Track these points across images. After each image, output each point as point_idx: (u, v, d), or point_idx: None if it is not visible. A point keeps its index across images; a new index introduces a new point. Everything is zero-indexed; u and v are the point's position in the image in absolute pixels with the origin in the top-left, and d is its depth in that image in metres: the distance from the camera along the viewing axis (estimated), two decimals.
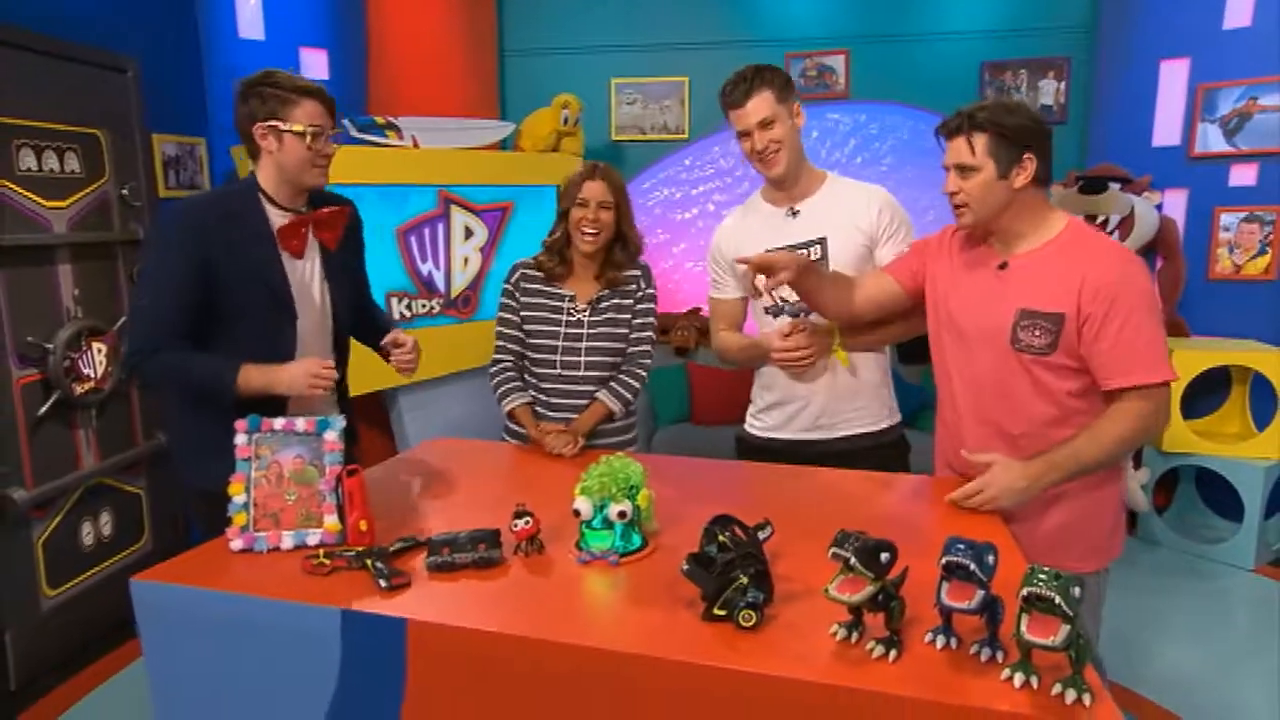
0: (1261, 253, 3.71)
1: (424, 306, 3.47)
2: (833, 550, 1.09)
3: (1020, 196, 1.64)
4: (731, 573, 1.19)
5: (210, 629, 1.33)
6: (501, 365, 2.21)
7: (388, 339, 1.91)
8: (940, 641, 1.10)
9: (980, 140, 1.60)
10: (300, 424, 1.50)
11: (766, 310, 2.06)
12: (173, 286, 1.66)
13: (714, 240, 2.21)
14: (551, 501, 1.50)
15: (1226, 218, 3.77)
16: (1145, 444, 1.71)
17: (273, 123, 1.69)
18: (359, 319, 2.01)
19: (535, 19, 4.56)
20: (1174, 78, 3.84)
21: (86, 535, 2.86)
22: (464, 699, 1.22)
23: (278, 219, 1.78)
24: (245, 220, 1.73)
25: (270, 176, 1.77)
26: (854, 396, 2.06)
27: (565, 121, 3.76)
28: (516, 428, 2.19)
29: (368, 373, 2.29)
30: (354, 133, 3.27)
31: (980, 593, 1.05)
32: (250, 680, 1.33)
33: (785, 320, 1.99)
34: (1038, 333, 1.63)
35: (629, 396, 2.15)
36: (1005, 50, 4.24)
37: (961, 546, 1.05)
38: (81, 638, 2.78)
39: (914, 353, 4.16)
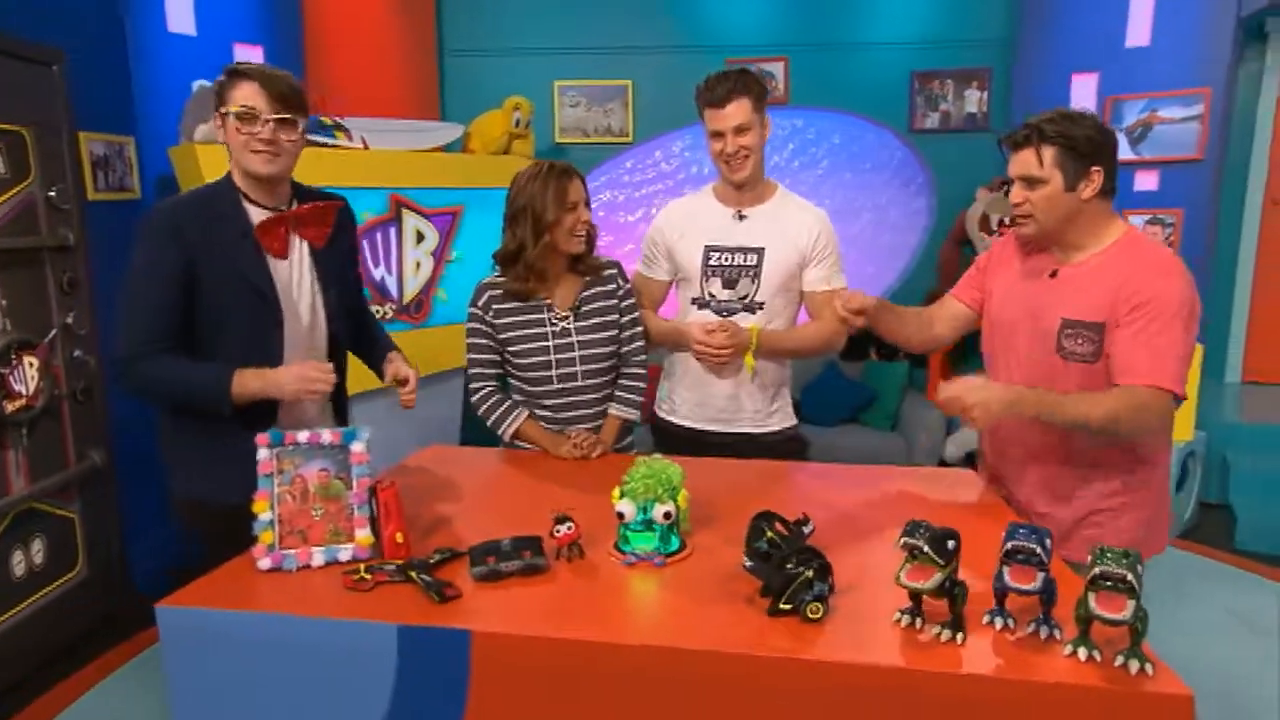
0: None
1: (378, 312, 3.36)
2: (903, 540, 1.14)
3: (1086, 208, 1.64)
4: (796, 567, 1.22)
5: (248, 654, 1.27)
6: (485, 392, 2.12)
7: (389, 371, 1.88)
8: (999, 623, 1.17)
9: (1049, 152, 1.61)
10: (326, 436, 1.44)
11: (693, 300, 2.17)
12: (155, 291, 1.60)
13: (656, 221, 2.27)
14: (568, 505, 1.49)
15: (1133, 220, 4.07)
16: (1130, 437, 1.69)
17: (220, 110, 1.65)
18: (354, 328, 1.95)
19: (476, 19, 4.50)
20: (1085, 90, 4.13)
21: (18, 564, 2.64)
22: (529, 710, 1.21)
23: (258, 217, 1.71)
24: (225, 219, 1.67)
25: (236, 171, 1.71)
26: (754, 396, 2.18)
27: (518, 124, 3.72)
28: (526, 445, 2.12)
29: None
30: None
31: (1041, 575, 1.12)
32: (292, 706, 1.28)
33: (710, 316, 2.12)
34: (1081, 341, 1.65)
35: (639, 399, 2.14)
36: (933, 60, 4.46)
37: (1024, 531, 1.13)
38: (15, 676, 2.57)
39: (852, 350, 4.35)
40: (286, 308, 1.73)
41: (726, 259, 2.14)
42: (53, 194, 2.70)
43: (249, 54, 3.47)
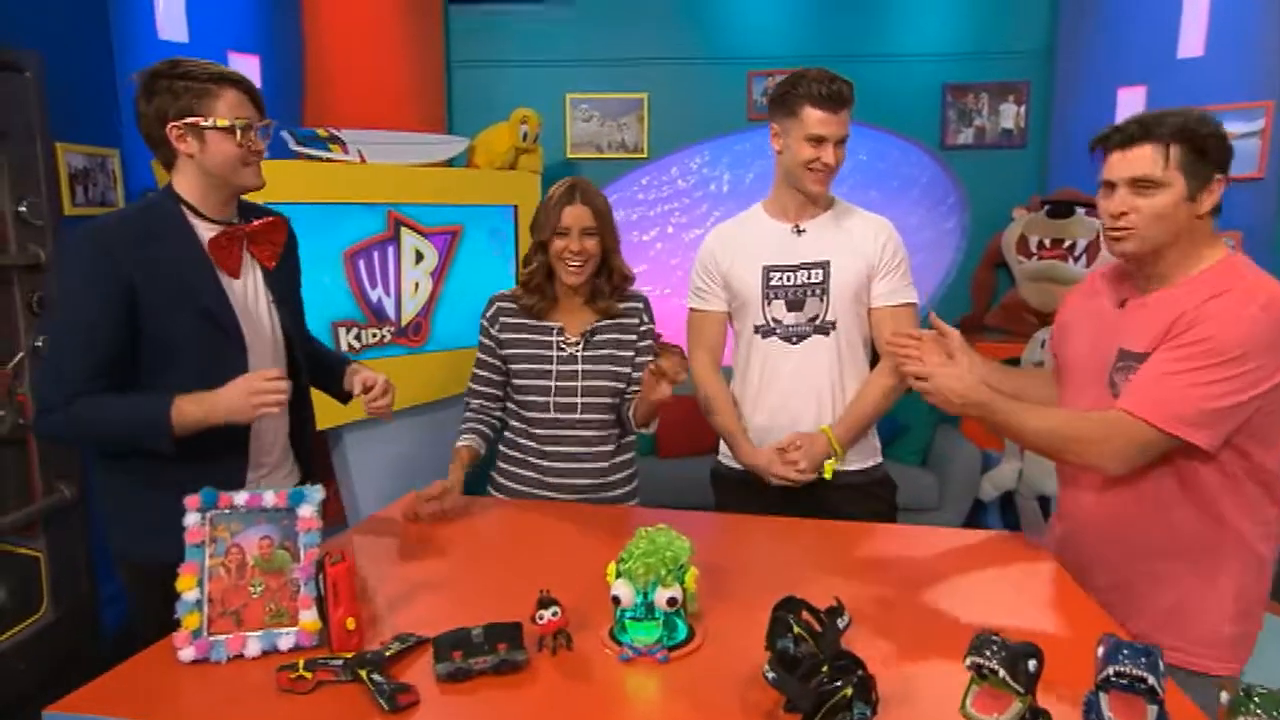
0: None
1: (374, 336, 3.15)
2: (971, 659, 0.89)
3: (1196, 225, 1.41)
4: (831, 680, 0.98)
5: None
6: (470, 406, 2.02)
7: (356, 383, 1.68)
8: None
9: (1174, 151, 1.37)
10: (269, 498, 1.22)
11: (756, 329, 1.96)
12: (87, 325, 1.42)
13: (706, 246, 2.06)
14: (555, 575, 1.26)
15: None
16: (1074, 462, 1.49)
17: (191, 120, 1.45)
18: (306, 355, 1.77)
19: (485, 30, 4.32)
20: (1132, 104, 3.87)
21: None
22: None
23: (207, 233, 1.52)
24: (168, 237, 1.48)
25: (193, 184, 1.52)
26: None
27: (524, 138, 3.51)
28: (499, 476, 1.98)
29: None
30: (294, 146, 2.95)
31: (1154, 710, 0.86)
32: None
33: (776, 345, 1.94)
34: (1130, 376, 1.43)
35: None
36: (966, 73, 4.22)
37: (1128, 653, 0.87)
38: None
39: None
40: (248, 332, 1.55)
41: (788, 278, 1.92)
42: (23, 209, 2.52)
43: (244, 64, 3.30)
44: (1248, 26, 3.61)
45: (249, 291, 1.58)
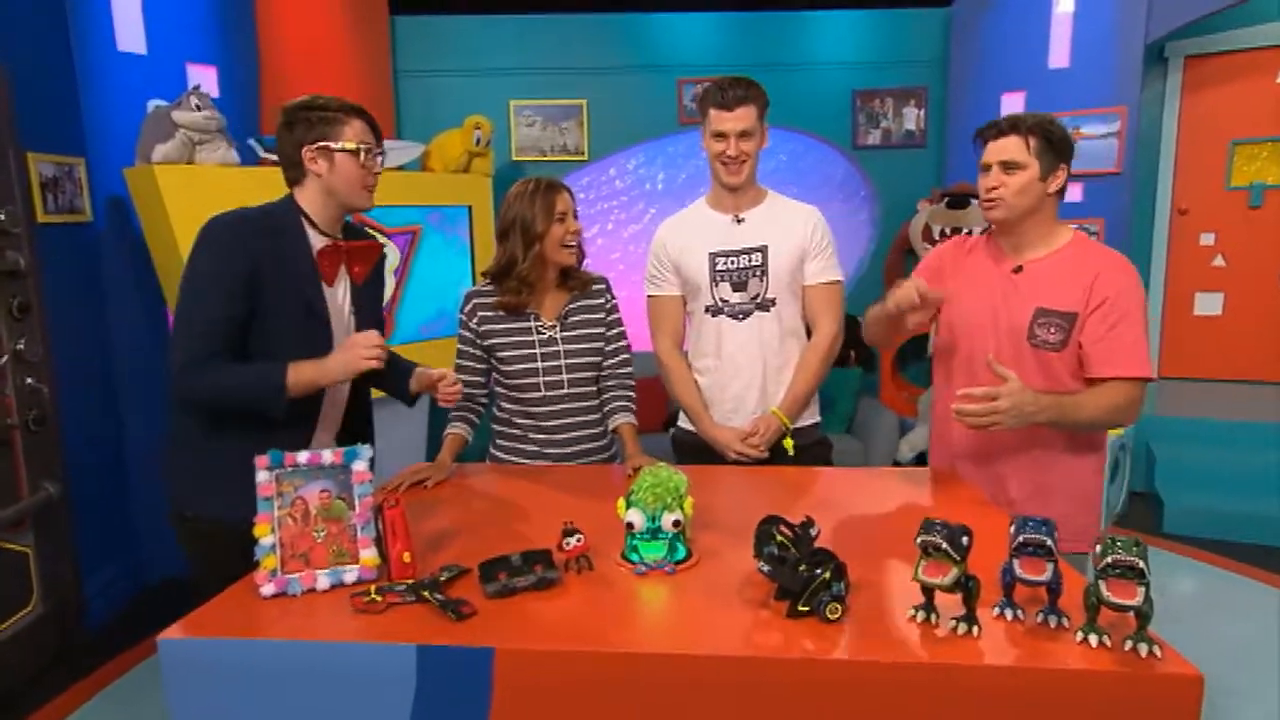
0: None
1: None
2: (921, 538, 1.18)
3: (1046, 203, 1.84)
4: (811, 569, 1.25)
5: (258, 684, 1.22)
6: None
7: (424, 384, 1.90)
8: (1009, 614, 1.21)
9: (1033, 141, 1.80)
10: (326, 456, 1.41)
11: (706, 309, 2.21)
12: (219, 297, 1.62)
13: (658, 237, 2.29)
14: (562, 516, 1.50)
15: None
16: (1116, 427, 1.89)
17: (323, 144, 1.67)
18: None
19: (430, 40, 4.47)
20: (1014, 107, 4.34)
21: None
22: None
23: (317, 242, 1.75)
24: (289, 238, 1.71)
25: (315, 200, 1.74)
26: (778, 396, 2.21)
27: (478, 142, 3.70)
28: (499, 452, 2.17)
29: None
30: (263, 153, 3.06)
31: (1050, 566, 1.17)
32: None
33: (724, 322, 2.19)
34: (1053, 330, 1.82)
35: (634, 406, 2.18)
36: (872, 80, 4.63)
37: (1033, 524, 1.18)
38: None
39: None
40: (333, 331, 1.77)
41: (732, 262, 2.17)
42: (2, 217, 2.57)
43: (202, 74, 3.38)
44: (1103, 42, 4.13)
45: (338, 298, 1.80)
